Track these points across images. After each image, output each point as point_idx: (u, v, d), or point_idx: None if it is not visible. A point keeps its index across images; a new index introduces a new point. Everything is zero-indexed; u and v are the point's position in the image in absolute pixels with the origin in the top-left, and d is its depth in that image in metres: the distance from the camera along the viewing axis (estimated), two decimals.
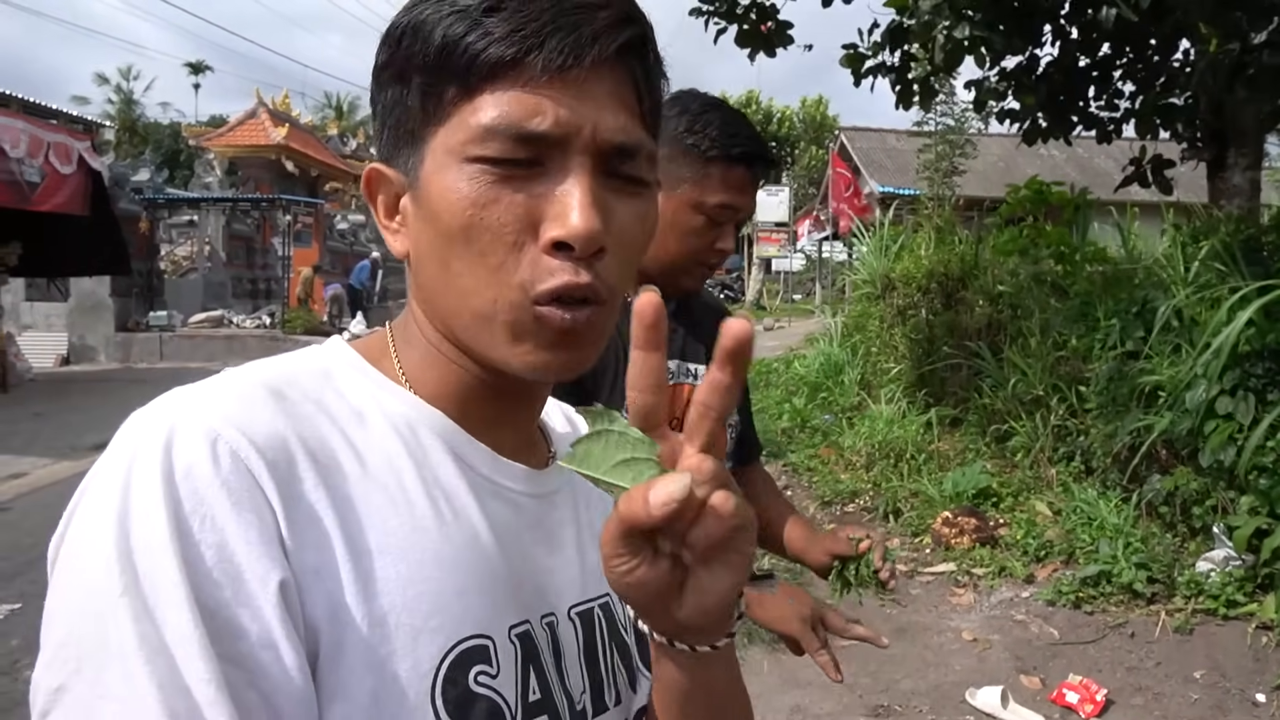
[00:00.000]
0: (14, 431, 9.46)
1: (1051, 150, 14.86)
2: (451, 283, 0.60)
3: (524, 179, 0.58)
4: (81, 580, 0.52)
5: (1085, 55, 5.82)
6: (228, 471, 0.53)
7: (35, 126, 11.06)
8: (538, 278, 0.58)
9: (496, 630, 0.61)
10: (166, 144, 42.39)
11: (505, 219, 0.58)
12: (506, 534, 0.64)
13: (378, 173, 0.64)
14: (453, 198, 0.58)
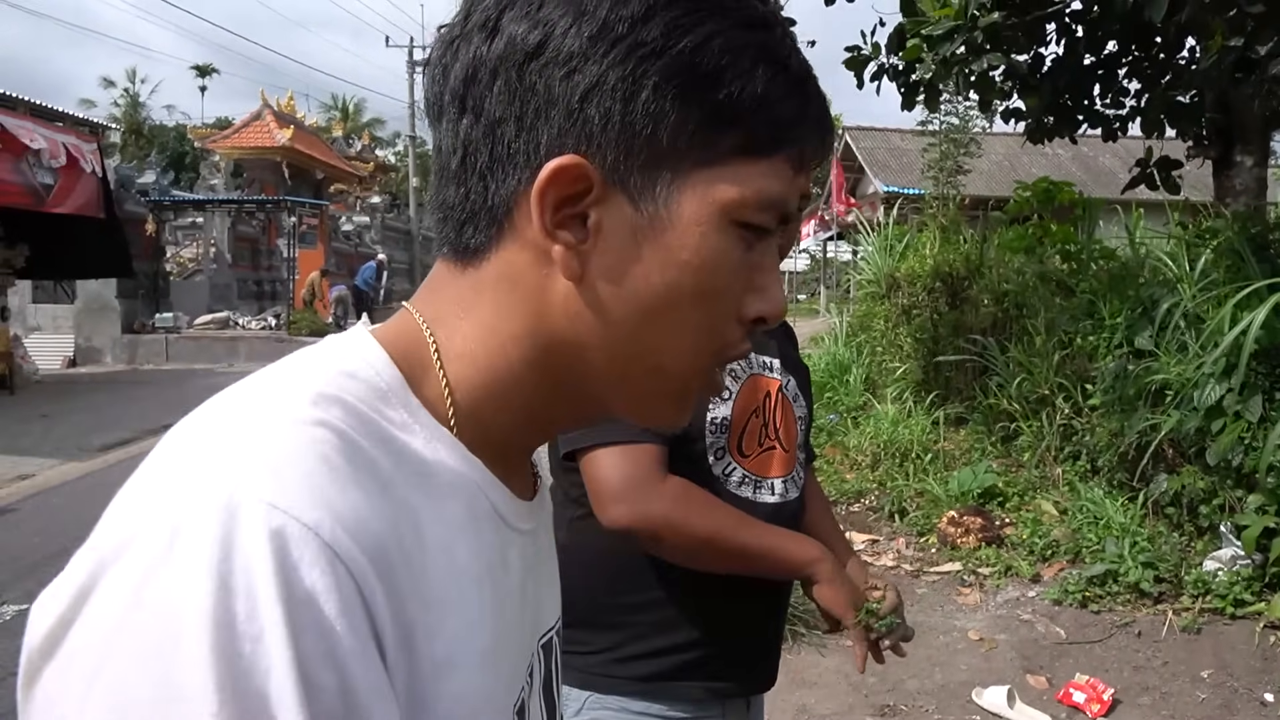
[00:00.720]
0: (21, 433, 9.49)
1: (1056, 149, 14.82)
2: (650, 334, 0.54)
3: (749, 248, 0.55)
4: (153, 687, 0.38)
5: (1091, 53, 5.80)
6: (350, 596, 0.42)
7: (46, 129, 11.10)
8: (732, 344, 0.57)
9: (505, 710, 0.56)
10: (172, 146, 42.47)
11: (732, 292, 0.55)
12: (521, 577, 0.59)
13: (578, 169, 0.51)
14: (718, 260, 0.53)
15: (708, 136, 0.52)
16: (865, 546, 5.29)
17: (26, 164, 10.67)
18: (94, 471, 7.81)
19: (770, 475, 1.40)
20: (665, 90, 0.50)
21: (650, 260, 0.52)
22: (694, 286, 0.53)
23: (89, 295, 16.18)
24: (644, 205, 0.52)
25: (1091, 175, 17.71)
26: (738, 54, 0.51)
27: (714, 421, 1.33)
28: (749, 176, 0.53)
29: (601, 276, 0.53)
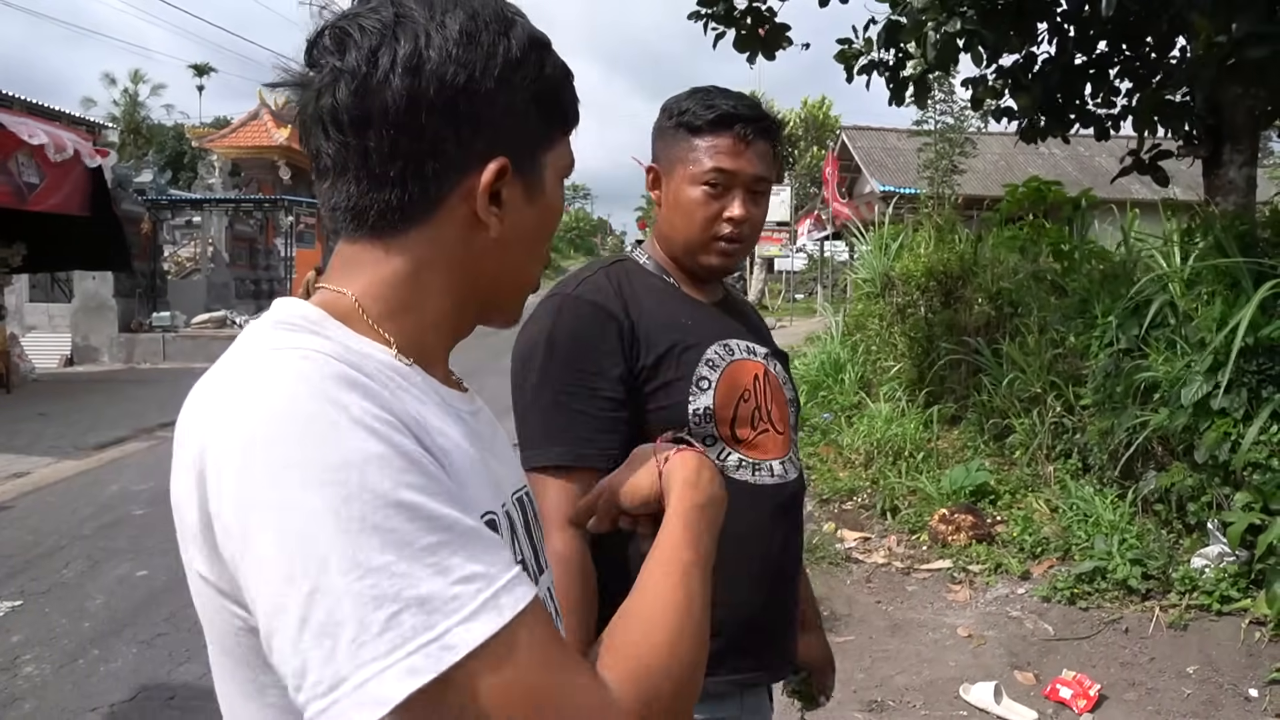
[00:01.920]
0: (18, 431, 9.50)
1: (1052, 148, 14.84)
2: (528, 264, 0.83)
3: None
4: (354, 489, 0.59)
5: (1082, 53, 5.82)
6: (372, 391, 0.65)
7: (45, 125, 11.10)
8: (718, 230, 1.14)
9: (495, 507, 0.76)
10: (170, 145, 42.48)
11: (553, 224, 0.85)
12: (473, 442, 0.78)
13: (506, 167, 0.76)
14: (558, 205, 0.84)
15: (551, 128, 0.81)
16: (857, 544, 5.31)
17: (16, 163, 10.64)
18: (89, 470, 7.82)
19: (768, 457, 1.41)
20: (536, 106, 0.78)
21: (534, 212, 0.80)
22: (552, 224, 0.83)
23: (86, 294, 16.18)
24: (531, 178, 0.79)
25: (1087, 174, 17.70)
26: (563, 70, 0.81)
27: (696, 413, 1.36)
28: (566, 147, 0.83)
29: (510, 229, 0.78)
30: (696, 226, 1.43)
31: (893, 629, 4.15)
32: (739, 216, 1.43)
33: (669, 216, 1.45)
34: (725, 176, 1.41)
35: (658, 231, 1.51)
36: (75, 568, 5.17)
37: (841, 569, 4.93)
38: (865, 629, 4.15)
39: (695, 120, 1.41)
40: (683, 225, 1.43)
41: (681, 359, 1.37)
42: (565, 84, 0.81)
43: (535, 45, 0.77)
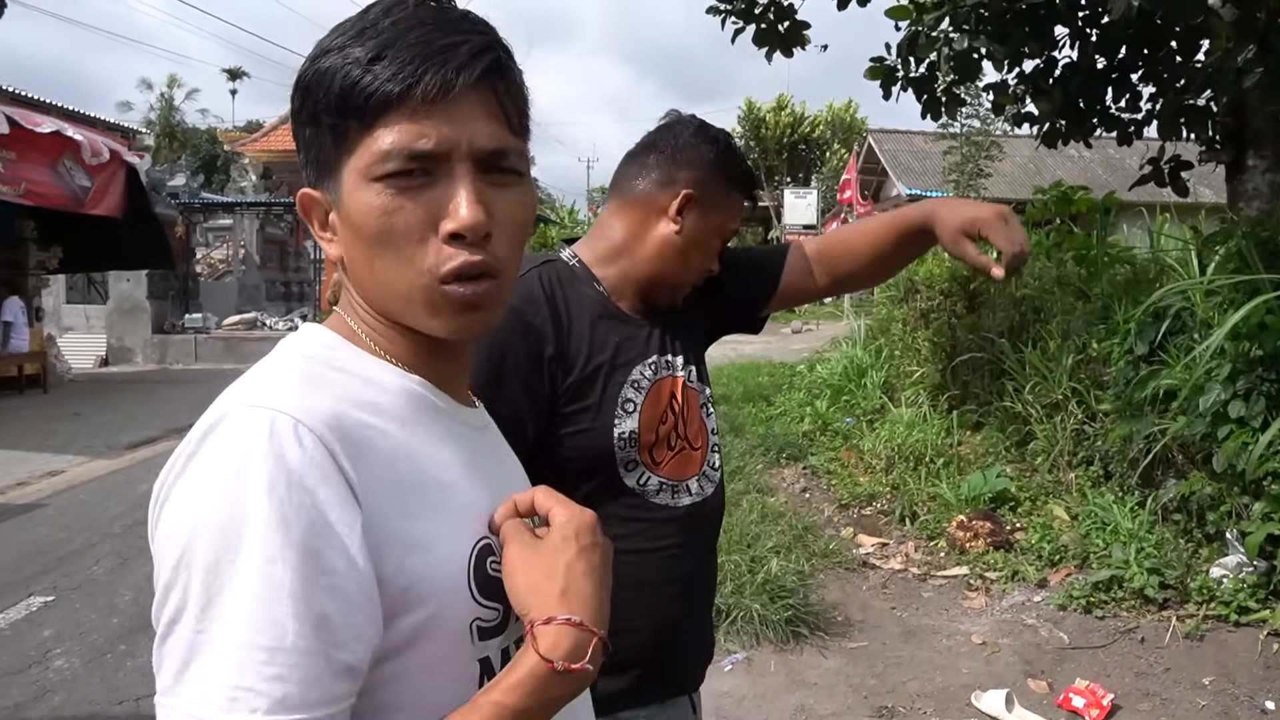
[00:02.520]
0: (53, 430, 9.72)
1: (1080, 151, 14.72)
2: (377, 276, 0.76)
3: (420, 188, 0.73)
4: (215, 534, 0.64)
5: (1104, 57, 5.78)
6: (312, 452, 0.67)
7: (88, 132, 11.35)
8: (440, 263, 0.74)
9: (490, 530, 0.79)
10: (204, 149, 43.11)
11: (410, 221, 0.73)
12: (476, 459, 0.83)
13: (309, 197, 0.79)
14: (367, 211, 0.73)
15: (338, 140, 0.74)
16: (874, 550, 5.31)
17: (64, 167, 10.91)
18: (120, 469, 7.98)
19: (685, 477, 1.41)
20: (310, 127, 0.76)
21: (350, 230, 0.76)
22: (368, 235, 0.75)
23: (121, 296, 16.48)
24: (335, 200, 0.77)
25: (1118, 177, 17.51)
26: (330, 77, 0.73)
27: (621, 436, 1.34)
28: (367, 147, 0.73)
29: (346, 253, 0.78)
30: (694, 271, 1.45)
31: (906, 635, 4.15)
32: (716, 272, 1.51)
33: (683, 251, 1.40)
34: (728, 235, 1.49)
35: (645, 248, 1.42)
36: (105, 565, 5.30)
37: (857, 574, 4.94)
38: (879, 635, 4.16)
39: (740, 183, 1.46)
40: (697, 265, 1.44)
41: (608, 380, 1.35)
42: (326, 89, 0.73)
43: (303, 71, 0.76)
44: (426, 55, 0.71)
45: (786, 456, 7.53)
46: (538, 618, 0.71)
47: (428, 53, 0.71)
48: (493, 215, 0.74)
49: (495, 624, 0.77)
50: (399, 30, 0.72)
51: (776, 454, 7.56)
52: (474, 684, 0.75)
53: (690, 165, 1.41)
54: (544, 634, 0.70)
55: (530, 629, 0.71)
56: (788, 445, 7.70)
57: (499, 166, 0.76)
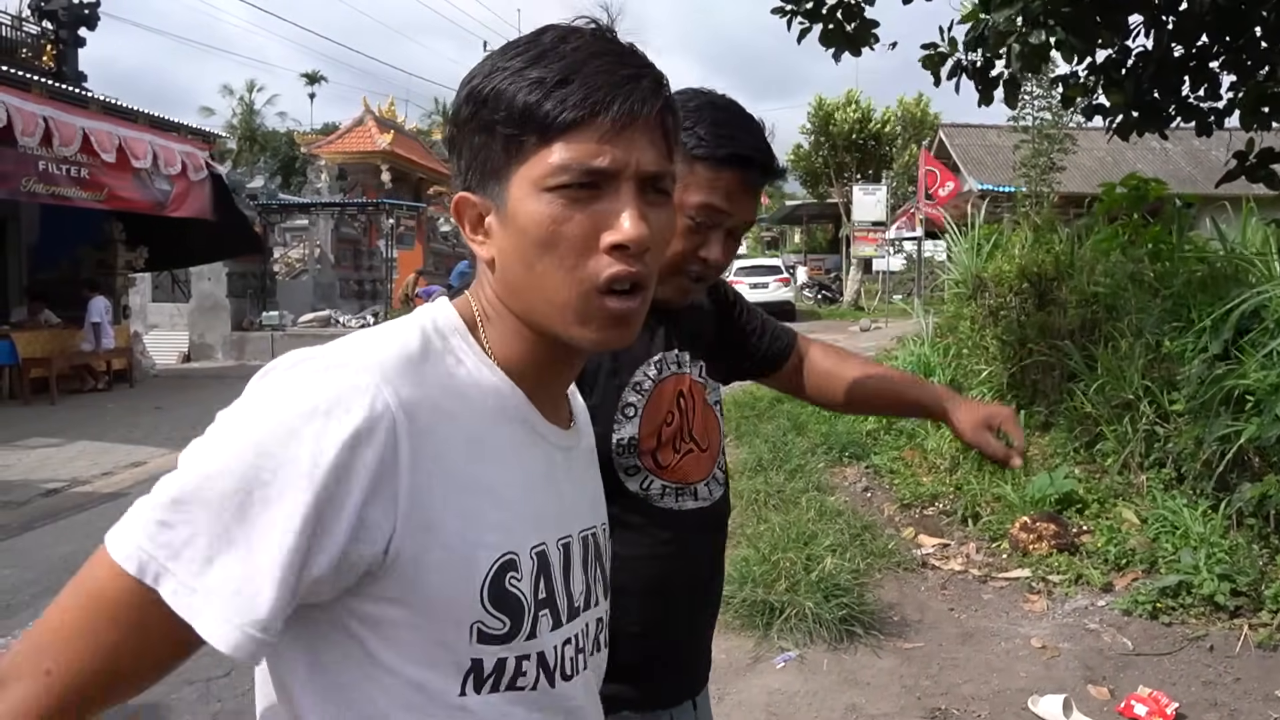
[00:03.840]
0: (136, 424, 10.13)
1: (1162, 143, 14.21)
2: (536, 281, 0.80)
3: (588, 201, 0.78)
4: (287, 460, 0.71)
5: (1181, 45, 5.58)
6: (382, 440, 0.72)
7: (162, 139, 11.84)
8: (600, 271, 0.79)
9: (522, 548, 0.82)
10: (283, 151, 44.37)
11: (576, 231, 0.78)
12: (546, 476, 0.87)
13: (466, 200, 0.84)
14: (537, 218, 0.78)
15: (511, 149, 0.79)
16: (935, 550, 5.23)
17: (146, 174, 11.40)
18: None
19: (691, 480, 1.36)
20: (482, 137, 0.81)
21: (512, 235, 0.80)
22: (535, 239, 0.79)
23: (202, 294, 17.10)
24: (498, 204, 0.81)
25: (1202, 170, 16.89)
26: (509, 92, 0.78)
27: (619, 443, 1.29)
28: (541, 159, 0.78)
29: (500, 256, 0.82)
30: (671, 258, 1.26)
31: (964, 637, 4.08)
32: (714, 260, 1.32)
33: None
34: (715, 216, 1.29)
35: None
36: None
37: (916, 575, 4.87)
38: (935, 636, 4.10)
39: (700, 150, 1.27)
40: (673, 250, 1.26)
41: (608, 384, 1.29)
42: (508, 104, 0.78)
43: (469, 83, 0.82)
44: (614, 84, 0.78)
45: (849, 455, 7.45)
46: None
47: (614, 81, 0.78)
48: (650, 231, 0.80)
49: (500, 633, 0.80)
50: (580, 57, 0.78)
51: (839, 453, 7.49)
52: (459, 674, 0.79)
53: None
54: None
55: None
56: (851, 444, 7.62)
57: (656, 187, 0.81)
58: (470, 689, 0.79)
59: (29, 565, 5.38)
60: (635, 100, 0.78)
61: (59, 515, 6.44)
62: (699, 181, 1.28)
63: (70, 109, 10.68)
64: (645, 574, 1.29)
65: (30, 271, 13.86)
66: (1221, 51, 5.62)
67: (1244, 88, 5.55)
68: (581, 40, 0.80)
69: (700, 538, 1.38)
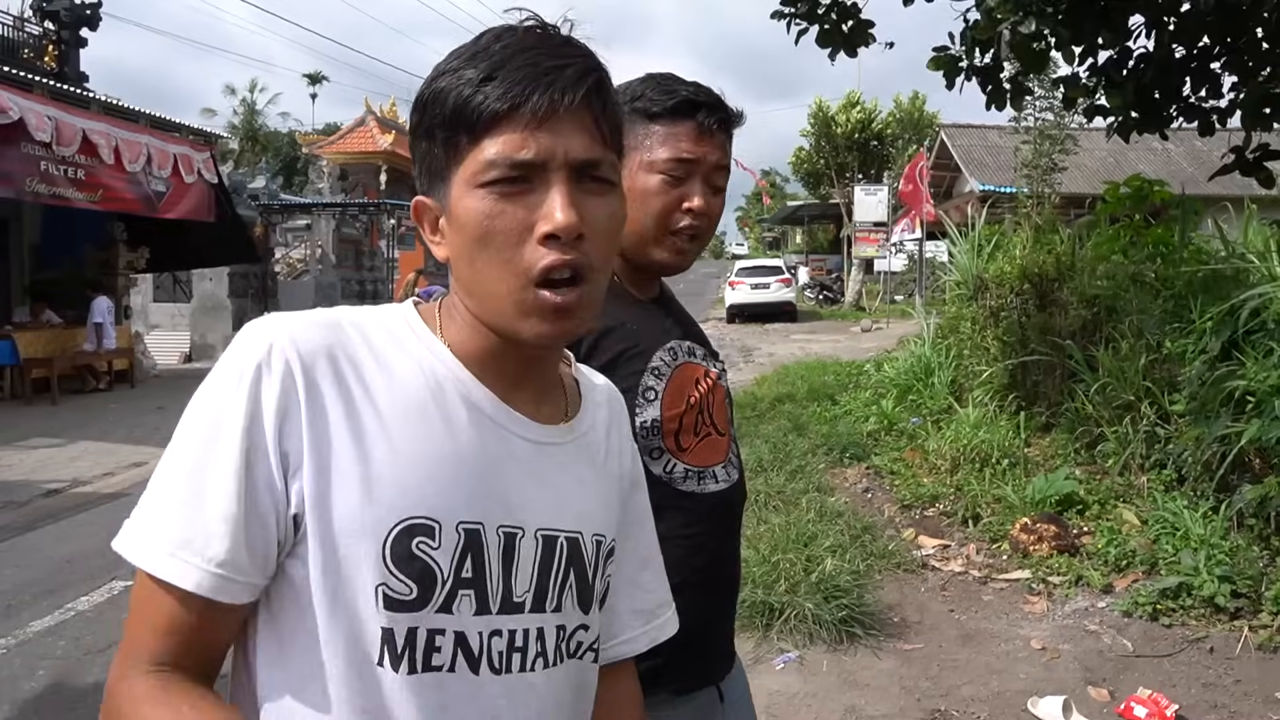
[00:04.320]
0: (138, 424, 10.14)
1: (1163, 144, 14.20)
2: (476, 276, 0.82)
3: (520, 194, 0.79)
4: (201, 409, 0.79)
5: (1182, 45, 5.57)
6: (275, 365, 0.78)
7: (159, 140, 11.85)
8: (535, 262, 0.80)
9: (446, 519, 0.81)
10: (285, 151, 44.41)
11: (509, 225, 0.80)
12: (491, 460, 0.85)
13: (422, 204, 0.87)
14: (472, 214, 0.80)
15: (450, 152, 0.81)
16: (935, 551, 5.23)
17: (143, 174, 11.40)
18: None
19: (711, 464, 1.38)
20: (427, 143, 0.83)
21: (455, 233, 0.83)
22: (471, 237, 0.81)
23: (203, 295, 17.11)
24: (444, 205, 0.84)
25: (1203, 171, 16.82)
26: (446, 95, 0.80)
27: (643, 425, 1.30)
28: (474, 157, 0.80)
29: (451, 254, 0.84)
30: (653, 217, 1.34)
31: (964, 638, 4.08)
32: (699, 207, 1.35)
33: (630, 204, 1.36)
34: (685, 166, 1.34)
35: None
36: None
37: (916, 576, 4.86)
38: (935, 637, 4.10)
39: (653, 107, 1.34)
40: (637, 215, 1.31)
41: (628, 368, 1.31)
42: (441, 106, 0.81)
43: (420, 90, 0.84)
44: (534, 76, 0.79)
45: (850, 456, 7.44)
46: None
47: (535, 74, 0.79)
48: (585, 219, 0.80)
49: (407, 599, 0.79)
50: (509, 53, 0.80)
51: (839, 454, 7.48)
52: (376, 644, 0.78)
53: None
54: None
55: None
56: (851, 445, 7.61)
57: (592, 175, 0.82)
58: (388, 661, 0.79)
59: (30, 565, 5.39)
60: (556, 89, 0.79)
61: (60, 515, 6.45)
62: (660, 137, 1.34)
63: (71, 109, 10.69)
64: (671, 556, 1.26)
65: (32, 272, 13.88)
66: (1223, 52, 5.61)
67: (1245, 88, 5.54)
68: (514, 38, 0.81)
69: (721, 520, 1.40)
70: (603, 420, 0.99)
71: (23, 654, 4.12)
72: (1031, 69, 5.05)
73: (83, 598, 4.81)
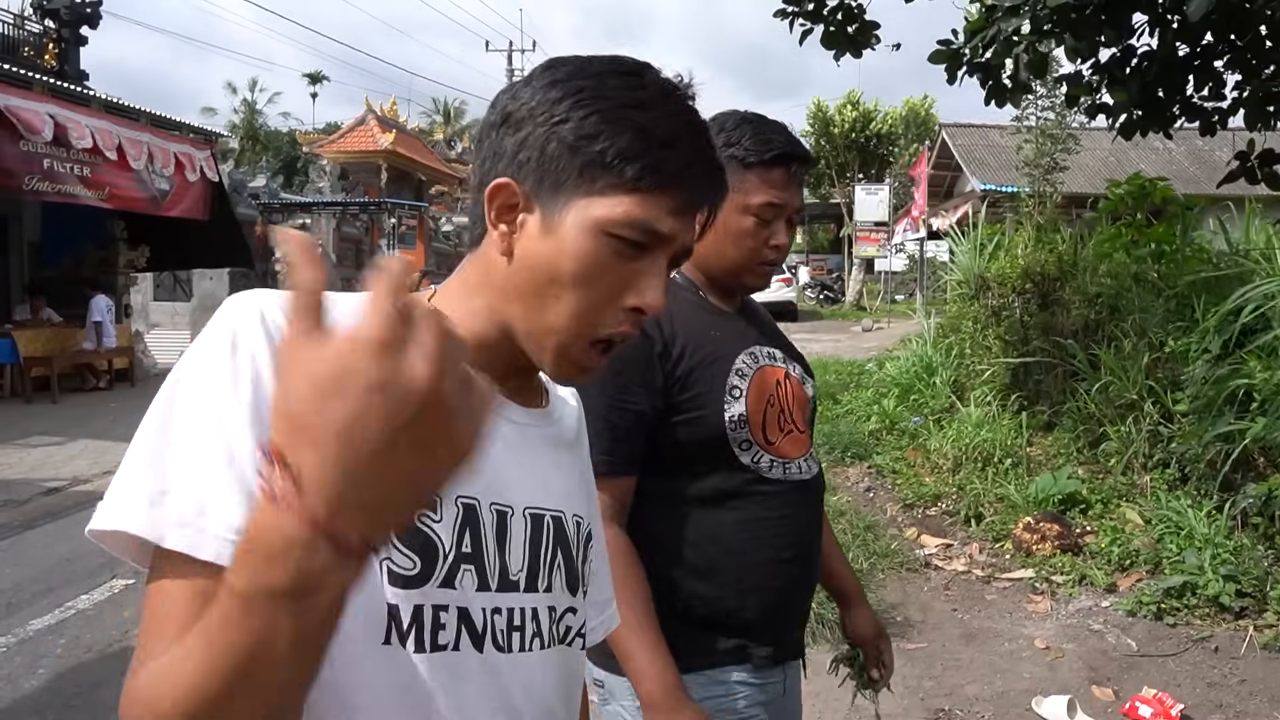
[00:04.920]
0: (138, 422, 10.09)
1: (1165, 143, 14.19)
2: (546, 304, 0.80)
3: (631, 258, 0.79)
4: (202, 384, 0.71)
5: (1185, 44, 5.56)
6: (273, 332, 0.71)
7: (160, 139, 11.84)
8: (611, 325, 0.81)
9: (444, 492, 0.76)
10: (285, 151, 44.41)
11: (609, 281, 0.79)
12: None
13: (509, 187, 0.81)
14: (582, 252, 0.78)
15: (589, 174, 0.78)
16: (937, 551, 5.21)
17: (146, 172, 11.39)
18: None
19: (793, 457, 1.53)
20: (561, 146, 0.79)
21: (547, 248, 0.79)
22: (570, 271, 0.78)
23: (204, 294, 17.10)
24: (548, 214, 0.79)
25: (1204, 170, 16.87)
26: (612, 125, 0.78)
27: (732, 419, 1.46)
28: (617, 203, 0.78)
29: (520, 256, 0.81)
30: (745, 253, 1.52)
31: (967, 638, 4.07)
32: (783, 245, 1.54)
33: (718, 243, 1.52)
34: (774, 209, 1.51)
35: (701, 249, 1.51)
36: None
37: (919, 575, 4.85)
38: (938, 636, 4.08)
39: (750, 157, 1.50)
40: (731, 251, 1.52)
41: (712, 369, 1.48)
42: (606, 126, 0.78)
43: (568, 84, 0.80)
44: (706, 169, 0.82)
45: (851, 455, 7.43)
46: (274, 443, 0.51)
47: (708, 168, 0.82)
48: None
49: (411, 574, 0.76)
50: (681, 124, 0.81)
51: (841, 453, 7.47)
52: (382, 622, 0.74)
53: None
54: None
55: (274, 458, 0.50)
56: (853, 444, 7.60)
57: (677, 262, 0.85)
58: (395, 639, 0.74)
59: (30, 564, 5.37)
60: (714, 191, 0.83)
61: (60, 514, 6.44)
62: (755, 185, 1.50)
63: (72, 107, 10.67)
64: (756, 537, 1.48)
65: (32, 270, 13.87)
66: (1226, 50, 5.59)
67: (1248, 87, 5.53)
68: (681, 105, 0.82)
69: (804, 506, 1.55)
70: (572, 411, 1.00)
71: (23, 652, 4.10)
72: (1037, 74, 5.03)
73: (83, 596, 4.80)
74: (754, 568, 1.46)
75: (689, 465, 1.47)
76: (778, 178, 1.51)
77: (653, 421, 1.44)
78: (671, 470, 1.46)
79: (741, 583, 1.46)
